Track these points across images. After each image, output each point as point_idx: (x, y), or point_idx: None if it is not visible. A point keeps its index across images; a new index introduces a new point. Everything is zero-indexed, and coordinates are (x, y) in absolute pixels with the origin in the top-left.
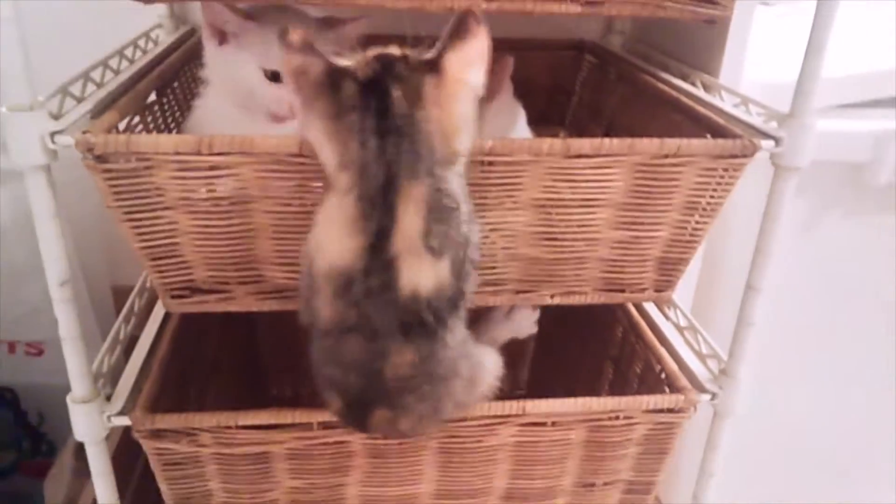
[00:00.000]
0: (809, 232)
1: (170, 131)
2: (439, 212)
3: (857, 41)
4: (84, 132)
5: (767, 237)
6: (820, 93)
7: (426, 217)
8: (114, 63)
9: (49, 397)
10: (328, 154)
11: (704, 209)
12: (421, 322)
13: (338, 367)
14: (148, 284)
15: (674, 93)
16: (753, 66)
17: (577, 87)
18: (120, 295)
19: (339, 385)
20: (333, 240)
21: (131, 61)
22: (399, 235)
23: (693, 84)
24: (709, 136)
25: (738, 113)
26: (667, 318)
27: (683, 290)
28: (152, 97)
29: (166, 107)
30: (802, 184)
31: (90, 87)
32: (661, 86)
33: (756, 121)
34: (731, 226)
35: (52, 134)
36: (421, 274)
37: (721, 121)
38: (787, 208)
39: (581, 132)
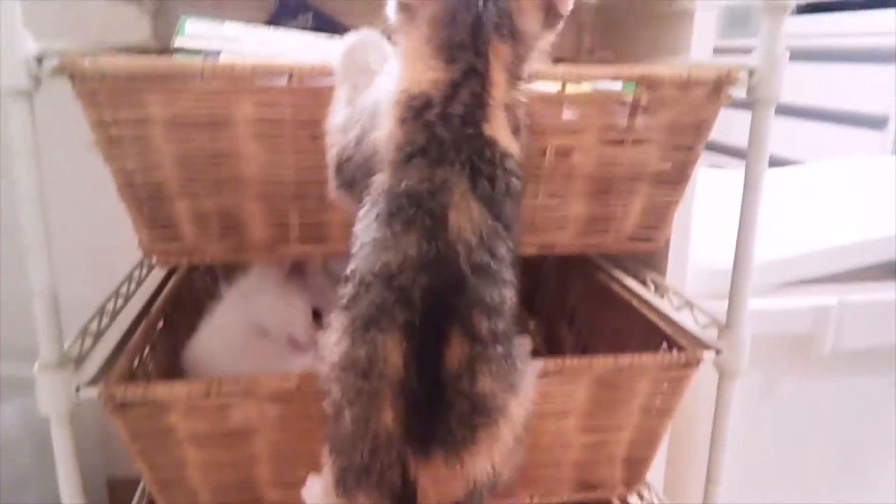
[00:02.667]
0: (766, 398)
1: (176, 355)
2: (515, 81)
3: (791, 225)
4: (106, 384)
5: (719, 434)
6: (765, 273)
7: (507, 79)
8: (123, 289)
9: None
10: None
11: (660, 410)
12: (492, 177)
13: (392, 224)
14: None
15: (626, 295)
16: (699, 251)
17: (543, 277)
18: (114, 486)
19: (396, 281)
20: (410, 72)
21: (140, 282)
22: (491, 82)
23: (644, 282)
24: (660, 339)
25: (684, 319)
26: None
27: (655, 472)
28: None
29: (174, 328)
30: (758, 355)
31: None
32: (614, 287)
33: (697, 329)
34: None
35: (77, 388)
36: (500, 130)
37: (668, 330)
38: (734, 407)
39: (549, 323)
